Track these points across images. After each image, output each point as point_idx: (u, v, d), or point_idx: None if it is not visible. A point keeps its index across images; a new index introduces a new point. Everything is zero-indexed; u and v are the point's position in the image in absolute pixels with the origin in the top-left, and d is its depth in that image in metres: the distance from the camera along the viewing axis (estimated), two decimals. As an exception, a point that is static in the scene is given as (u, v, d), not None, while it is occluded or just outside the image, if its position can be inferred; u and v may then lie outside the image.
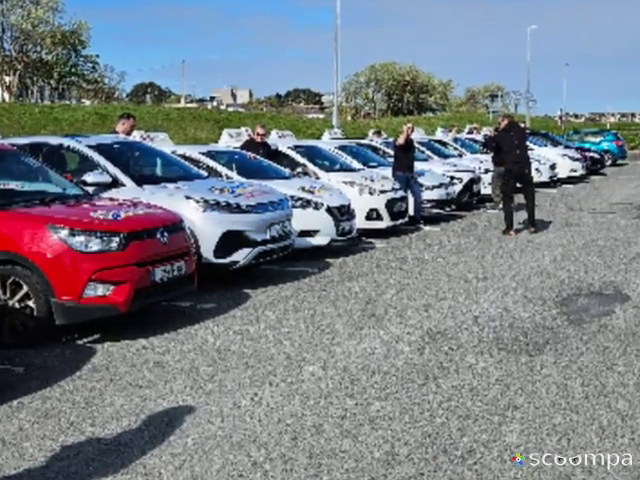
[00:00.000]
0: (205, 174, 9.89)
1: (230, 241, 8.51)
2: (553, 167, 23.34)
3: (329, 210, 10.80)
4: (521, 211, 13.84)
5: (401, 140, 14.12)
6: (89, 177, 8.23)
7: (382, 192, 12.83)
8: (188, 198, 8.49)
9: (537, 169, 20.33)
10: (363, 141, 17.66)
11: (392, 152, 14.94)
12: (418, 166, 14.86)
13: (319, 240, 10.73)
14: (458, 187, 16.22)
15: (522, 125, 16.77)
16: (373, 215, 12.67)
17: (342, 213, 11.06)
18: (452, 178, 16.12)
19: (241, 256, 8.60)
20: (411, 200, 13.92)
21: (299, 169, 12.46)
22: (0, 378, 5.49)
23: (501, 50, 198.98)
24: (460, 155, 19.81)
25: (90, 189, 8.00)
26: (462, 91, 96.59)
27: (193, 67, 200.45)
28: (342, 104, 70.69)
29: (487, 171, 17.78)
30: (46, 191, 7.58)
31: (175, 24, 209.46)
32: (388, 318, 7.19)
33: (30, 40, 54.15)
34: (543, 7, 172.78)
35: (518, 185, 13.38)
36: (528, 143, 16.17)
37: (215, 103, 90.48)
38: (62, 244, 6.28)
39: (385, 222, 12.81)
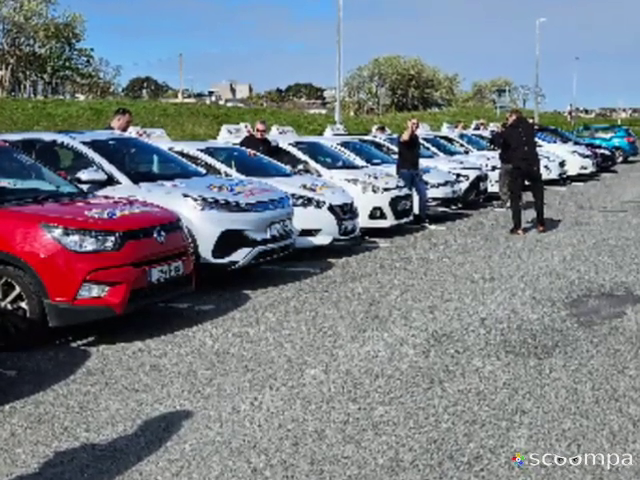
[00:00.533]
0: (203, 171, 9.83)
1: (229, 240, 8.42)
2: (562, 164, 23.26)
3: (331, 208, 10.71)
4: (529, 209, 13.84)
5: (405, 136, 14.03)
6: (83, 174, 8.17)
7: (386, 190, 12.76)
8: (186, 196, 8.41)
9: (546, 166, 20.21)
10: (366, 137, 17.57)
11: (396, 149, 14.90)
12: (423, 163, 14.81)
13: (321, 239, 10.64)
14: (464, 185, 16.15)
15: (530, 121, 16.67)
16: (377, 214, 12.60)
17: (345, 212, 10.98)
18: (458, 175, 16.06)
19: (240, 256, 8.50)
20: (416, 198, 13.88)
21: (300, 166, 12.40)
22: (-9, 382, 5.43)
23: (509, 43, 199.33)
24: (466, 152, 19.76)
25: (85, 187, 7.94)
26: (469, 86, 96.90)
27: (191, 61, 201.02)
28: (345, 99, 70.94)
29: (494, 168, 17.70)
30: (39, 189, 7.50)
31: (172, 16, 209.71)
32: (392, 320, 7.11)
33: (23, 33, 54.09)
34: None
35: (526, 183, 13.29)
36: (537, 139, 16.07)
37: (214, 98, 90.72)
38: (56, 244, 6.20)
39: (389, 221, 12.73)
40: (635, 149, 37.25)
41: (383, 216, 12.66)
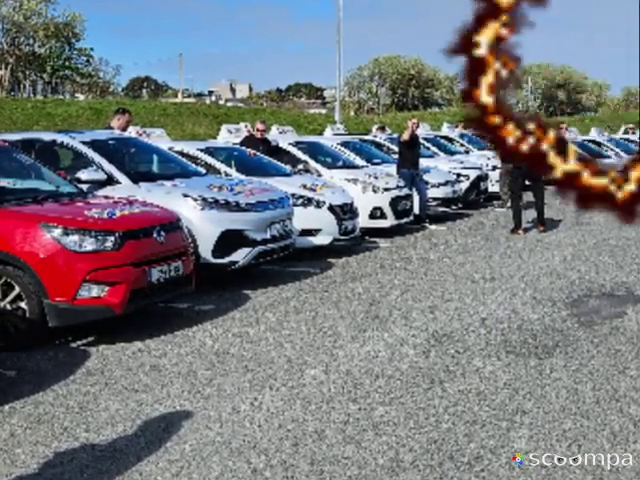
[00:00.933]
0: (203, 171, 9.80)
1: (229, 240, 8.39)
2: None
3: (331, 208, 10.68)
4: (530, 209, 13.81)
5: (406, 136, 13.99)
6: (83, 174, 8.15)
7: (386, 190, 12.72)
8: (185, 196, 8.38)
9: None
10: (366, 137, 17.54)
11: (396, 148, 14.85)
12: (423, 163, 14.76)
13: (321, 239, 10.61)
14: (465, 185, 16.12)
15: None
16: (377, 214, 12.56)
17: (345, 211, 10.94)
18: (458, 175, 16.02)
19: (240, 256, 8.48)
20: (416, 198, 13.83)
21: (300, 166, 12.36)
22: (-9, 382, 5.39)
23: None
24: (467, 151, 19.70)
25: (84, 187, 7.91)
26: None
27: (191, 60, 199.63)
28: (345, 99, 70.65)
29: (495, 168, 17.65)
30: (39, 189, 7.47)
31: (172, 16, 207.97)
32: (392, 320, 7.08)
33: (22, 33, 53.67)
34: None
35: (527, 182, 13.25)
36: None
37: (213, 98, 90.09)
38: (55, 244, 6.18)
39: (389, 221, 12.70)
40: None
41: (383, 216, 12.62)
